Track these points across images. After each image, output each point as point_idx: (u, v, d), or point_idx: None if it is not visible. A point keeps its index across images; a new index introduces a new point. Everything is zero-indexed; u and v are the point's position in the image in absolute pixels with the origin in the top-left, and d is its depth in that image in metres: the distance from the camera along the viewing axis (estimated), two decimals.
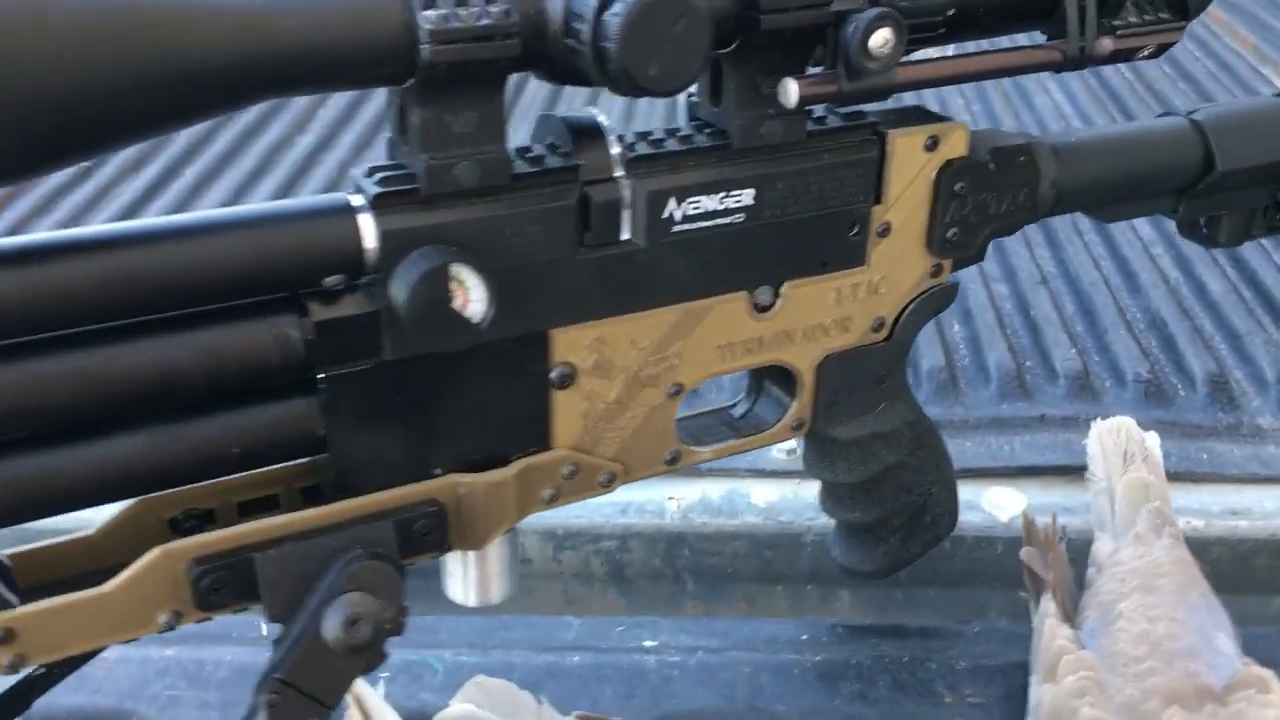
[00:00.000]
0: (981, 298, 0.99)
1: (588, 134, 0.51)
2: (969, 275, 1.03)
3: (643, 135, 0.53)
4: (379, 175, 0.47)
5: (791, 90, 0.50)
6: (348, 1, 0.42)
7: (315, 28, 0.41)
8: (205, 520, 0.51)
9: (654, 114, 1.38)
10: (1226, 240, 0.73)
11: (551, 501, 0.55)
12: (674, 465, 0.58)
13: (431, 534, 0.51)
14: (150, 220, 0.44)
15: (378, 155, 0.75)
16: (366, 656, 0.48)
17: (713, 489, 0.80)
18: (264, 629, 0.72)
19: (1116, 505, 0.65)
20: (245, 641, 0.69)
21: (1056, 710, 0.53)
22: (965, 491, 0.78)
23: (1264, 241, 1.07)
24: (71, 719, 0.64)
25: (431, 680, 0.65)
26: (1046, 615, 0.59)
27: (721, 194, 0.53)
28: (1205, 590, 0.58)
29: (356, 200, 0.46)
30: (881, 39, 0.50)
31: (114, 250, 0.43)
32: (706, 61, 0.46)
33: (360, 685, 0.56)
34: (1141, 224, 1.11)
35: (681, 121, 0.55)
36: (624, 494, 0.79)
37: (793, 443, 0.83)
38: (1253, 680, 0.51)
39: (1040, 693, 0.55)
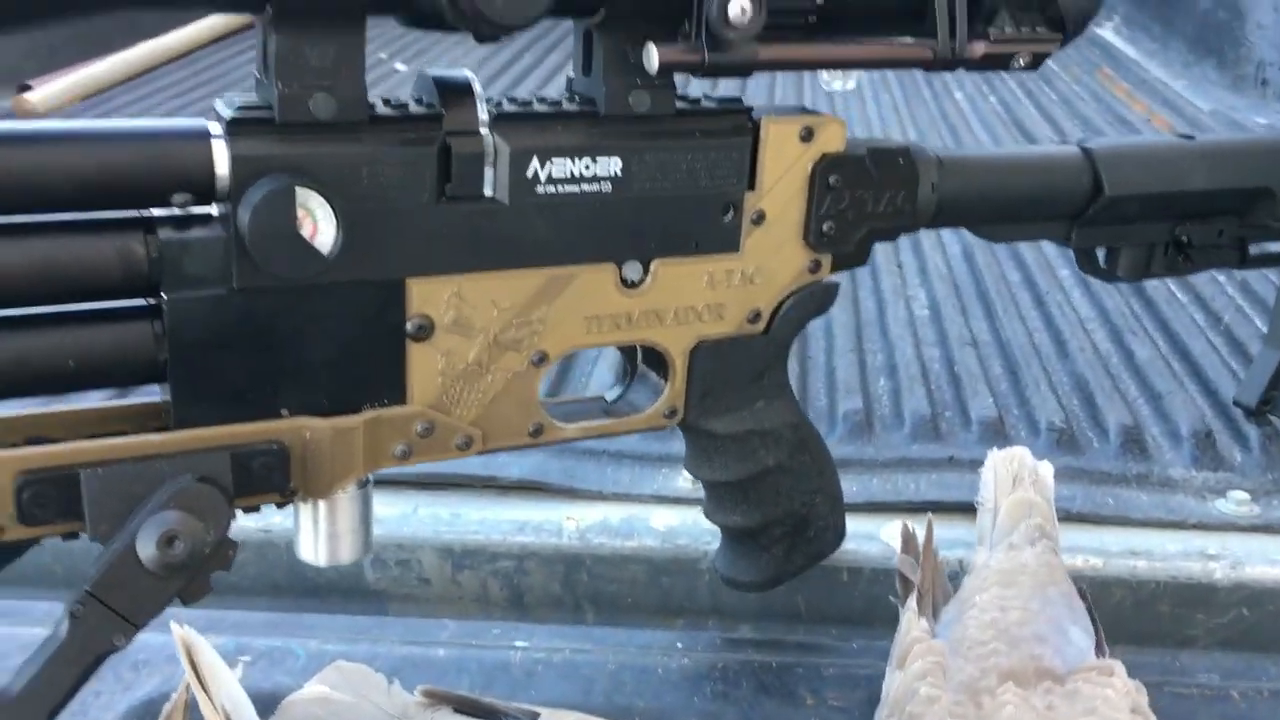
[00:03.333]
0: (909, 353, 0.99)
1: (456, 90, 0.52)
2: (899, 333, 1.04)
3: (514, 98, 0.54)
4: (239, 104, 0.48)
5: (653, 55, 0.52)
6: None
7: None
8: None
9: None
10: (1126, 274, 0.74)
11: (404, 458, 0.54)
12: (537, 439, 0.58)
13: (273, 474, 0.51)
14: (6, 124, 0.46)
15: None
16: (182, 579, 0.47)
17: (613, 512, 0.79)
18: None
19: (998, 520, 0.65)
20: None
21: (899, 694, 0.51)
22: (866, 524, 0.78)
23: (1198, 317, 1.08)
24: None
25: (292, 665, 0.64)
26: (906, 611, 0.57)
27: (587, 159, 0.54)
28: (1068, 589, 0.57)
29: (215, 127, 0.48)
30: (739, 8, 0.51)
31: None
32: (550, 7, 0.48)
33: (193, 635, 0.54)
34: (1080, 300, 1.11)
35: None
36: (521, 512, 0.79)
37: None
38: (1098, 666, 0.50)
39: (890, 680, 0.54)
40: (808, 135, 0.59)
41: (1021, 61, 0.60)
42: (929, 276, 1.18)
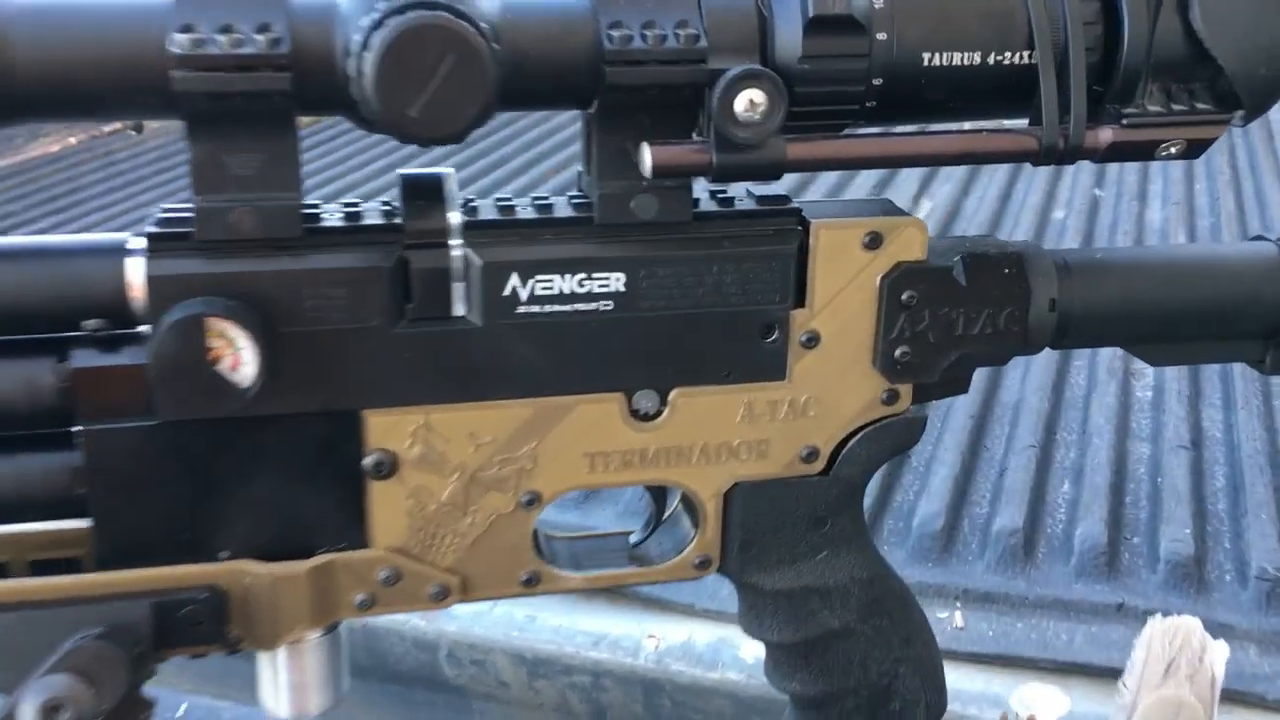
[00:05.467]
0: (1106, 453, 0.83)
1: (424, 192, 0.45)
2: (1102, 423, 0.88)
3: (502, 199, 0.46)
4: (163, 215, 0.43)
5: (647, 156, 0.43)
6: (106, 25, 0.39)
7: (62, 50, 0.38)
8: None
9: None
10: None
11: (365, 608, 0.48)
12: (532, 588, 0.50)
13: (204, 624, 0.45)
14: None
15: None
16: None
17: (701, 632, 0.70)
18: None
19: None
20: None
21: None
22: (996, 684, 0.65)
23: None
24: None
25: None
26: None
27: (580, 274, 0.45)
28: None
29: (137, 243, 0.42)
30: (747, 101, 0.41)
31: None
32: (490, 107, 0.40)
33: None
34: None
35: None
36: (601, 622, 0.72)
37: None
38: None
39: None
40: (874, 241, 0.48)
41: (1173, 149, 0.46)
42: None
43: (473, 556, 0.49)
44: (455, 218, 0.45)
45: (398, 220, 0.44)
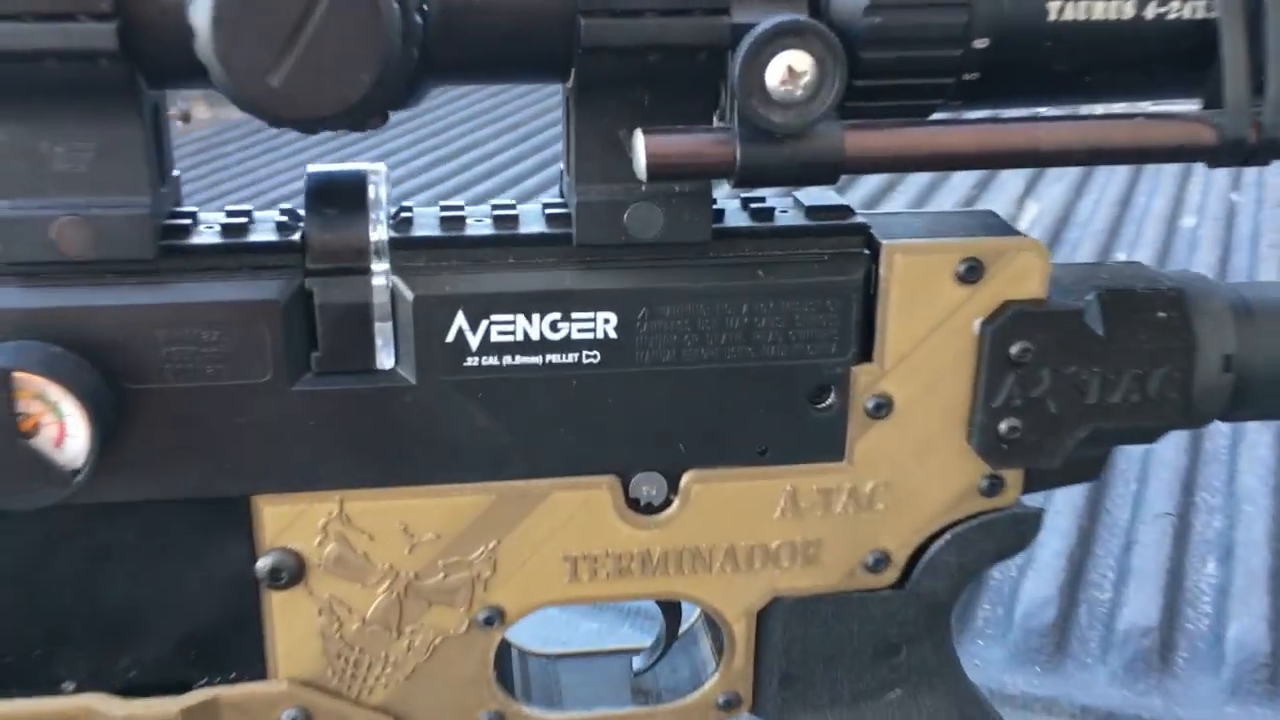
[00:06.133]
0: (1259, 529, 0.68)
1: (338, 197, 0.33)
2: (1254, 484, 0.72)
3: (451, 208, 0.34)
4: None
5: (640, 149, 0.29)
6: None
7: None
8: None
9: None
10: None
11: None
12: None
13: None
14: None
15: None
16: None
17: None
18: None
19: None
20: None
21: None
22: None
23: None
24: None
25: None
26: None
27: (554, 314, 0.33)
28: None
29: None
30: (786, 70, 0.28)
31: None
32: (397, 74, 0.27)
33: None
34: None
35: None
36: None
37: None
38: None
39: None
40: (972, 272, 0.34)
41: None
42: None
43: (412, 691, 0.37)
44: (379, 233, 0.32)
45: (297, 236, 0.32)
